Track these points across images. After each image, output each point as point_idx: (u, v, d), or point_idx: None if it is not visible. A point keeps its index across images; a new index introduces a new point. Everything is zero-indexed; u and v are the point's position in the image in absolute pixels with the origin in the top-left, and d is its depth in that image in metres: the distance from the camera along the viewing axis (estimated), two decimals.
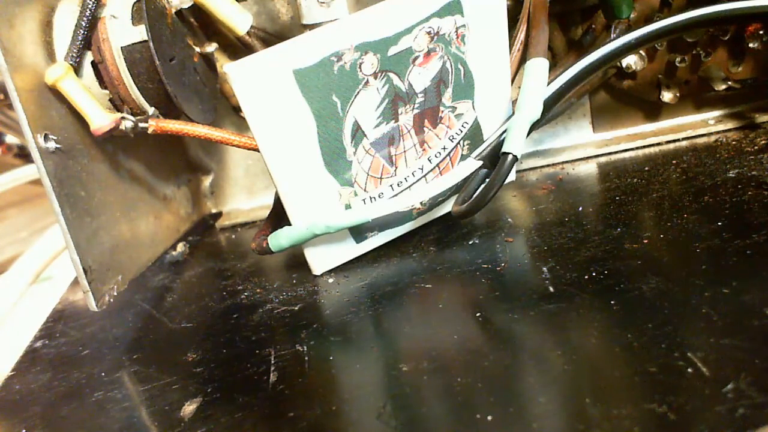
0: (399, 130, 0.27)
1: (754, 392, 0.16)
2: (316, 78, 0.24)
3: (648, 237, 0.26)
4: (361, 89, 0.25)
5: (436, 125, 0.28)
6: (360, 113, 0.26)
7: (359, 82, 0.25)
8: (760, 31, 0.33)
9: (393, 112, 0.27)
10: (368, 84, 0.25)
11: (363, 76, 0.25)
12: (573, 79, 0.28)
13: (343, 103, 0.25)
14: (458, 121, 0.29)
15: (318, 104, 0.25)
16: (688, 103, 0.37)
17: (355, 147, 0.27)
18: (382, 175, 0.28)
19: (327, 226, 0.27)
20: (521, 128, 0.27)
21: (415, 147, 0.28)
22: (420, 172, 0.29)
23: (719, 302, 0.21)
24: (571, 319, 0.22)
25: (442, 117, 0.28)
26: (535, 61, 0.27)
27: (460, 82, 0.28)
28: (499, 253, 0.28)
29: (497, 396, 0.19)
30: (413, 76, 0.26)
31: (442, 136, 0.28)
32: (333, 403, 0.21)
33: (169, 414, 0.22)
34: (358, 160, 0.27)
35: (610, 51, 0.28)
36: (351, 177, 0.27)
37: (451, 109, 0.28)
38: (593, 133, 0.39)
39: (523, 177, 0.36)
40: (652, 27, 0.28)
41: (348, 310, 0.26)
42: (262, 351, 0.25)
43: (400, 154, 0.28)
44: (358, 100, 0.26)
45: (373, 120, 0.26)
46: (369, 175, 0.28)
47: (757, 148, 0.32)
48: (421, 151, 0.28)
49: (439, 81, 0.27)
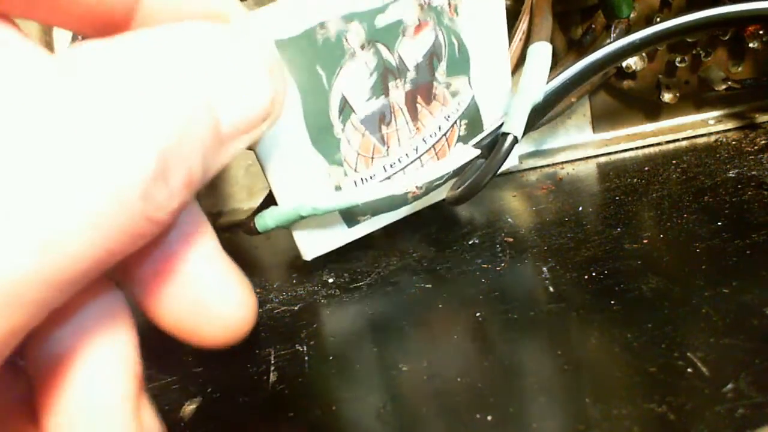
0: (390, 107, 0.26)
1: (754, 392, 0.16)
2: (299, 49, 0.23)
3: (648, 237, 0.26)
4: (347, 61, 0.24)
5: (430, 102, 0.27)
6: (347, 87, 0.25)
7: (345, 53, 0.24)
8: (759, 31, 0.33)
9: (383, 87, 0.25)
10: (355, 56, 0.24)
11: (349, 47, 0.24)
12: (577, 76, 0.27)
13: (329, 75, 0.24)
14: (453, 99, 0.27)
15: (302, 76, 0.24)
16: (688, 103, 0.37)
17: (343, 123, 0.25)
18: (374, 154, 0.27)
19: (314, 207, 0.26)
20: (522, 109, 0.26)
21: (408, 125, 0.27)
22: (414, 153, 0.28)
23: (719, 302, 0.21)
24: (571, 318, 0.22)
25: (436, 94, 0.27)
26: (538, 45, 0.27)
27: (455, 57, 0.27)
28: (499, 253, 0.28)
29: (497, 396, 0.19)
30: (404, 49, 0.25)
31: (437, 114, 0.27)
32: (333, 403, 0.21)
33: (169, 414, 0.22)
34: (348, 138, 0.26)
35: (614, 50, 0.27)
36: (340, 156, 0.26)
37: (446, 86, 0.27)
38: (593, 133, 0.39)
39: (523, 177, 0.36)
40: (659, 27, 0.27)
41: (348, 310, 0.26)
42: (262, 351, 0.25)
43: (392, 132, 0.27)
44: (345, 72, 0.24)
45: (361, 95, 0.25)
46: (359, 155, 0.26)
47: (757, 148, 0.32)
48: (415, 131, 0.27)
49: (431, 55, 0.26)
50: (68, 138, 0.09)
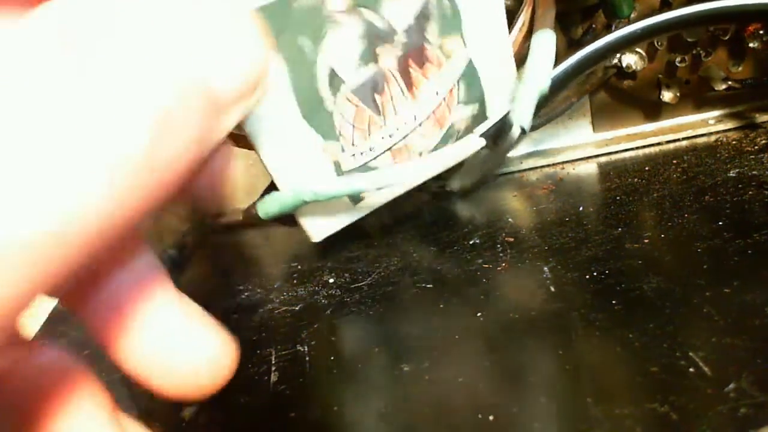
0: (382, 74, 0.25)
1: (756, 392, 0.16)
2: (274, 18, 0.22)
3: (649, 237, 0.26)
4: (329, 29, 0.23)
5: (423, 65, 0.25)
6: (333, 56, 0.23)
7: (326, 20, 0.23)
8: (760, 30, 0.33)
9: (371, 54, 0.24)
10: (338, 22, 0.23)
11: (330, 13, 0.22)
12: (583, 60, 0.26)
13: (312, 46, 0.23)
14: (448, 61, 0.26)
15: (284, 48, 0.22)
16: (688, 102, 0.37)
17: (334, 95, 0.24)
18: (370, 126, 0.25)
19: (315, 192, 0.25)
20: (529, 99, 0.25)
21: (402, 92, 0.25)
22: (413, 120, 0.26)
23: (720, 302, 0.21)
24: (572, 319, 0.22)
25: (429, 56, 0.25)
26: (542, 33, 0.26)
27: (445, 15, 0.25)
28: (499, 253, 0.28)
29: (498, 396, 0.19)
30: (390, 11, 0.24)
31: (432, 77, 0.26)
32: (334, 403, 0.21)
33: (170, 414, 0.22)
34: (340, 111, 0.24)
35: (615, 39, 0.27)
36: (336, 131, 0.25)
37: (439, 46, 0.25)
38: (593, 132, 0.39)
39: (523, 177, 0.36)
40: (660, 17, 0.27)
41: (349, 310, 0.26)
42: (263, 351, 0.24)
43: (386, 101, 0.25)
44: (329, 40, 0.23)
45: (350, 64, 0.24)
46: (355, 128, 0.25)
47: (757, 147, 0.32)
48: (410, 97, 0.25)
49: (421, 15, 0.24)
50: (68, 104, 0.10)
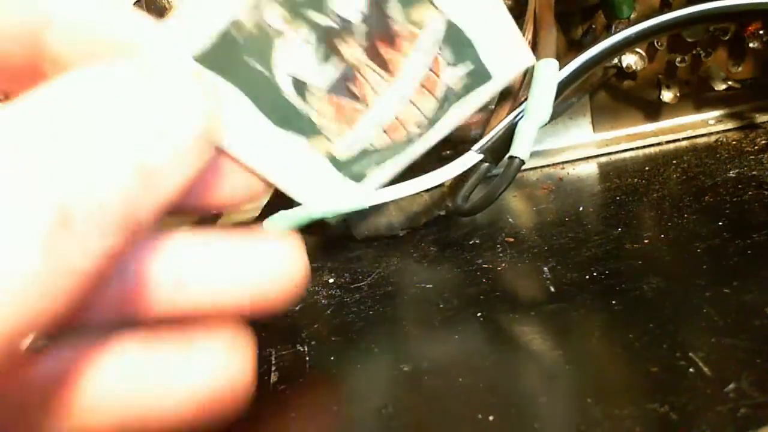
0: (351, 66, 0.23)
1: (756, 392, 0.16)
2: (223, 55, 0.21)
3: (649, 237, 0.26)
4: (276, 44, 0.22)
5: (393, 42, 0.24)
6: (288, 65, 0.23)
7: (272, 37, 0.22)
8: (760, 30, 0.33)
9: (332, 50, 0.23)
10: (283, 35, 0.22)
11: (273, 30, 0.22)
12: (587, 63, 0.26)
13: (265, 64, 0.22)
14: (422, 31, 0.24)
15: (239, 77, 0.22)
16: (688, 103, 0.37)
17: (303, 99, 0.23)
18: (353, 113, 0.24)
19: (323, 211, 0.25)
20: (529, 132, 0.26)
21: (379, 75, 0.24)
22: (398, 97, 0.25)
23: (720, 302, 0.21)
24: (572, 318, 0.22)
25: (398, 31, 0.24)
26: (544, 62, 0.26)
27: None
28: (499, 253, 0.28)
29: (498, 396, 0.19)
30: (337, 5, 0.22)
31: (408, 51, 0.24)
32: (334, 403, 0.21)
33: None
34: (316, 109, 0.24)
35: (620, 40, 0.27)
36: (316, 127, 0.24)
37: (406, 20, 0.24)
38: (593, 133, 0.39)
39: (523, 177, 0.36)
40: (663, 17, 0.26)
41: (349, 310, 0.26)
42: (263, 351, 0.24)
43: (363, 87, 0.24)
44: (277, 53, 0.22)
45: (308, 66, 0.23)
46: (336, 120, 0.24)
47: (757, 148, 0.32)
48: (388, 76, 0.24)
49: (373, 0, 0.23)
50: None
